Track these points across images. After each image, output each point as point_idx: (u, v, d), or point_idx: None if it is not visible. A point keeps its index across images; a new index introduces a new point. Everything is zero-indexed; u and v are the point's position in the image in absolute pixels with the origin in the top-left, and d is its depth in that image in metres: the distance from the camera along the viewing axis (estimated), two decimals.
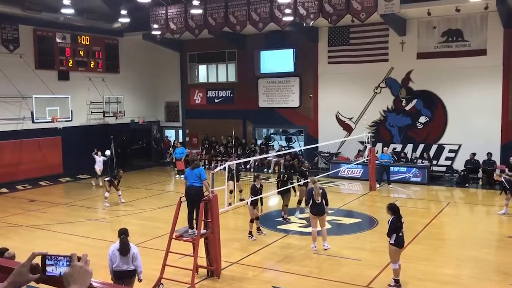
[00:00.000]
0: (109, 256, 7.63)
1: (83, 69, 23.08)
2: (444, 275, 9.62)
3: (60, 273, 1.82)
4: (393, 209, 8.94)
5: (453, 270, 9.92)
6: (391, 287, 8.81)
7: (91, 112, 23.45)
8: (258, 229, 12.44)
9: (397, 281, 8.79)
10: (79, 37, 22.81)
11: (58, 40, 22.01)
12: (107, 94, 23.80)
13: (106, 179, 16.66)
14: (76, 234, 12.77)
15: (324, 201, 11.17)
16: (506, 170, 15.85)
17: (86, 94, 23.14)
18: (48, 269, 1.85)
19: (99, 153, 19.92)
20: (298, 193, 14.49)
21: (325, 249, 11.02)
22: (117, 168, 17.89)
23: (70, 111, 21.24)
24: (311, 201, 11.14)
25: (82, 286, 1.76)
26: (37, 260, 1.87)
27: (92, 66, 23.51)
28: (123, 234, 7.72)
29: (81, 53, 22.97)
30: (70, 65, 22.50)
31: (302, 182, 14.38)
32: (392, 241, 8.76)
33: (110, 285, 1.90)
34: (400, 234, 8.76)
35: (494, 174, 16.08)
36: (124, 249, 7.57)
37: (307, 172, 14.93)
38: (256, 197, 11.98)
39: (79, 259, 1.82)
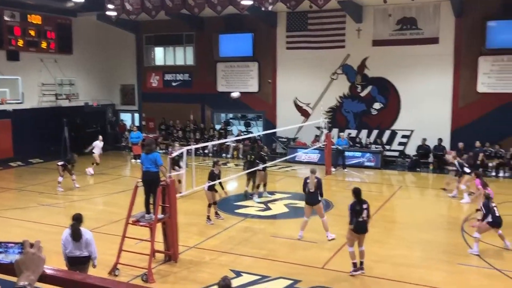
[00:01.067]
0: (62, 241, 7.47)
1: (34, 49, 22.16)
2: (396, 256, 9.98)
3: (11, 260, 1.77)
4: (354, 192, 9.01)
5: (404, 252, 10.31)
6: (351, 273, 8.86)
7: (43, 95, 22.62)
8: (216, 213, 12.48)
9: (354, 264, 8.88)
10: (29, 15, 21.84)
11: (6, 18, 21.00)
12: (60, 76, 23.02)
13: (59, 163, 16.20)
14: (27, 220, 12.42)
15: (319, 191, 10.81)
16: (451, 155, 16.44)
17: (38, 75, 22.27)
18: None
19: (100, 137, 19.71)
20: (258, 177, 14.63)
21: (330, 240, 10.75)
22: (71, 152, 17.39)
23: (20, 93, 20.41)
24: (306, 190, 10.87)
25: (35, 273, 1.72)
26: None
27: (44, 47, 22.61)
28: (76, 220, 7.55)
29: (32, 32, 22.03)
30: (20, 45, 21.54)
31: (261, 167, 14.46)
32: (351, 226, 8.91)
33: (64, 271, 1.87)
34: (360, 219, 8.79)
35: (450, 156, 16.37)
36: (75, 235, 7.40)
37: (266, 157, 15.03)
38: (214, 182, 11.99)
39: (31, 245, 1.77)
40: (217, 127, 24.54)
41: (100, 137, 19.75)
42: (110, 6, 21.46)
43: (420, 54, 19.96)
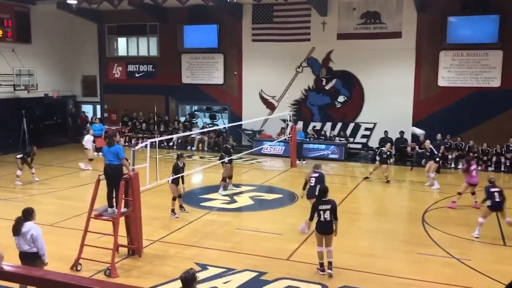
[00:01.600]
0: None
1: None
2: (360, 247, 10.15)
3: None
4: (319, 191, 8.85)
5: (367, 242, 10.50)
6: (318, 270, 8.70)
7: (0, 85, 21.80)
8: (181, 206, 12.38)
9: (320, 264, 8.69)
10: None
11: None
12: (18, 66, 22.20)
13: (18, 156, 15.69)
14: None
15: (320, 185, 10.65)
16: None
17: None
18: None
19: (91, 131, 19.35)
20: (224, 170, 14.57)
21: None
22: (30, 145, 16.85)
23: None
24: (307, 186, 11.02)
25: None
26: None
27: (0, 36, 21.75)
28: (23, 213, 7.22)
29: None
30: None
31: (226, 159, 14.41)
32: (309, 221, 8.97)
33: (23, 267, 1.79)
34: (322, 220, 8.55)
35: (426, 142, 16.69)
36: (14, 228, 7.10)
37: (231, 150, 14.96)
38: (177, 176, 11.85)
39: None
40: (182, 119, 24.30)
41: (91, 131, 19.30)
42: None
43: (384, 48, 20.29)
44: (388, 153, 16.49)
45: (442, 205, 13.55)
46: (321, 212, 8.57)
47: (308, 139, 20.78)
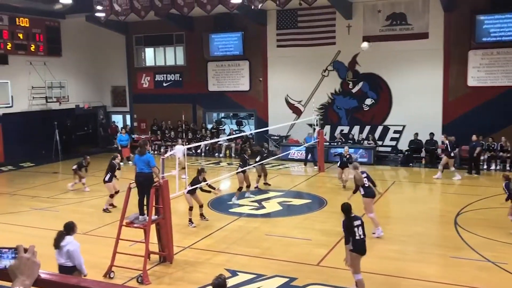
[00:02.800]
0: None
1: (23, 52, 21.99)
2: (390, 251, 10.03)
3: (5, 266, 1.76)
4: (343, 209, 7.95)
5: (398, 246, 10.36)
6: None
7: (33, 98, 22.45)
8: (202, 215, 12.38)
9: None
10: (17, 19, 21.67)
11: None
12: (49, 78, 22.85)
13: (73, 167, 16.15)
14: (20, 224, 12.34)
15: (371, 184, 11.08)
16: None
17: (27, 78, 22.11)
18: None
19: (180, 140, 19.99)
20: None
21: (377, 237, 10.79)
22: (84, 155, 17.20)
23: (10, 96, 20.28)
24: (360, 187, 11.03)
25: (30, 278, 1.71)
26: None
27: (33, 50, 22.43)
28: (64, 227, 7.35)
29: (20, 36, 21.85)
30: (9, 49, 21.36)
31: (239, 169, 14.30)
32: (351, 247, 7.72)
33: (59, 275, 1.86)
34: (358, 238, 7.69)
35: (442, 136, 17.47)
36: (55, 242, 7.24)
37: (247, 159, 14.75)
38: (194, 187, 11.84)
39: (25, 250, 1.76)
40: (209, 126, 24.52)
41: (180, 140, 19.80)
42: (98, 7, 21.31)
43: (410, 49, 20.05)
44: (347, 156, 15.98)
45: (475, 207, 13.26)
46: (355, 229, 7.71)
47: (335, 143, 20.67)
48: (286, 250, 10.24)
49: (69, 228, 7.38)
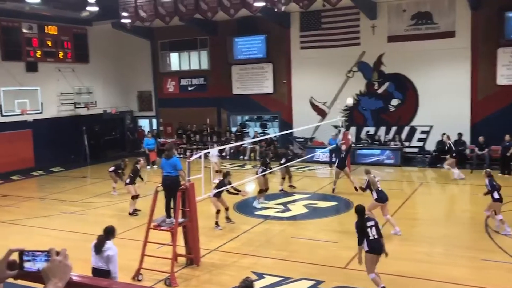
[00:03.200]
0: (91, 251, 7.48)
1: (52, 59, 22.55)
2: (418, 253, 9.88)
3: (39, 268, 1.81)
4: (356, 211, 8.22)
5: (426, 248, 10.20)
6: None
7: (62, 104, 23.00)
8: (228, 218, 12.42)
9: None
10: (46, 27, 22.24)
11: (24, 31, 21.42)
12: (77, 85, 23.37)
13: (110, 169, 16.44)
14: (51, 228, 12.61)
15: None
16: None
17: (56, 85, 22.66)
18: (26, 265, 1.84)
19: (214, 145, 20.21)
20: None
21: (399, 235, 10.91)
22: (122, 158, 17.46)
23: (40, 103, 20.81)
24: (373, 191, 11.31)
25: (62, 281, 1.76)
26: (15, 257, 1.85)
27: (61, 57, 22.98)
28: (104, 232, 7.46)
29: (49, 43, 22.41)
30: (38, 56, 21.95)
31: (259, 171, 14.28)
32: (366, 248, 7.89)
33: (90, 278, 1.90)
34: (371, 238, 7.86)
35: (444, 136, 17.86)
36: (96, 246, 7.37)
37: (268, 163, 14.75)
38: (220, 190, 11.90)
39: (57, 253, 1.81)
40: (234, 129, 24.62)
41: (215, 144, 19.78)
42: (124, 14, 21.71)
43: (437, 49, 19.73)
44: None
45: (507, 208, 12.93)
46: (368, 230, 7.90)
47: (361, 145, 20.52)
48: (313, 252, 10.20)
49: (109, 233, 7.48)
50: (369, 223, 7.98)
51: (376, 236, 7.92)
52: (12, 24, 20.95)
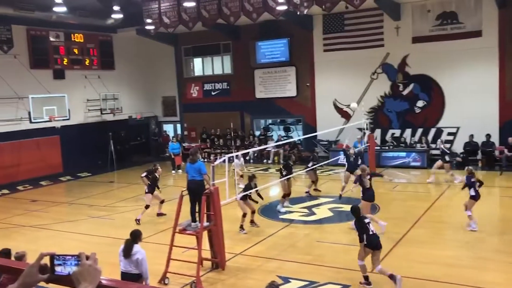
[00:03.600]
0: (119, 257, 7.58)
1: (79, 67, 23.01)
2: (446, 257, 9.70)
3: (69, 272, 1.85)
4: (353, 211, 8.93)
5: (454, 252, 10.01)
6: (362, 284, 8.55)
7: (89, 110, 23.42)
8: (252, 222, 12.40)
9: (365, 278, 8.54)
10: (72, 35, 22.72)
11: (51, 39, 21.93)
12: (103, 91, 23.76)
13: (142, 175, 16.34)
14: (79, 232, 12.83)
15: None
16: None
17: (83, 92, 23.09)
18: (57, 269, 1.88)
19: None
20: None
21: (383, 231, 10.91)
22: (154, 163, 17.54)
23: (67, 109, 21.23)
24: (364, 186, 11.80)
25: (92, 284, 1.79)
26: (46, 260, 1.89)
27: (87, 64, 23.43)
28: (131, 236, 7.56)
29: (76, 51, 22.88)
30: (65, 64, 22.43)
31: (284, 177, 14.08)
32: (364, 242, 8.51)
33: (119, 282, 1.93)
34: (371, 233, 8.48)
35: (438, 141, 17.70)
36: (125, 251, 7.46)
37: (291, 166, 14.69)
38: (247, 193, 11.93)
39: (87, 257, 1.84)
40: (257, 133, 24.64)
41: (237, 151, 18.84)
42: (148, 20, 22.01)
43: (463, 49, 19.40)
44: (353, 155, 15.57)
45: None
46: (367, 226, 8.58)
47: (386, 147, 20.29)
48: (338, 257, 10.12)
49: (136, 236, 7.58)
50: (366, 220, 8.75)
51: (374, 231, 8.60)
52: (40, 33, 21.47)
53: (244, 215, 12.05)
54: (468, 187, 11.41)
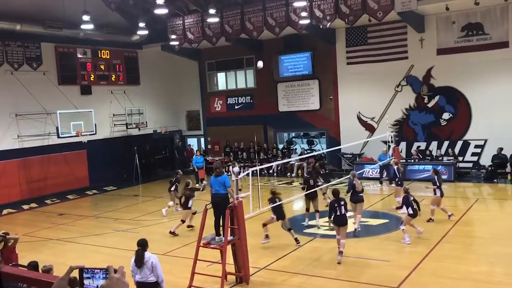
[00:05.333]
0: (131, 268, 7.67)
1: (105, 82, 23.47)
2: (477, 273, 9.44)
3: (97, 285, 1.86)
4: (333, 193, 11.12)
5: (486, 268, 9.73)
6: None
7: (114, 125, 23.80)
8: (289, 230, 12.12)
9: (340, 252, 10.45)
10: (99, 51, 23.22)
11: (79, 56, 22.45)
12: (129, 106, 24.13)
13: (172, 189, 16.15)
14: (105, 246, 12.96)
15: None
16: None
17: (109, 107, 23.52)
18: (86, 282, 1.89)
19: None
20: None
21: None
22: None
23: (94, 124, 21.60)
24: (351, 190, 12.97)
25: None
26: (75, 274, 1.91)
27: (113, 79, 23.88)
28: (140, 245, 7.71)
29: (102, 67, 23.36)
30: (92, 80, 22.90)
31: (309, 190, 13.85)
32: (330, 219, 11.02)
33: None
34: (338, 214, 10.55)
35: (392, 161, 16.76)
36: (138, 261, 7.56)
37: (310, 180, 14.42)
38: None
39: (115, 271, 1.85)
40: (280, 146, 24.61)
41: (235, 163, 18.78)
42: (173, 36, 22.37)
43: (489, 60, 19.08)
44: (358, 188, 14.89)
45: None
46: (337, 208, 10.58)
47: (412, 160, 20.00)
48: (364, 272, 9.95)
49: (145, 244, 7.77)
50: (341, 202, 10.65)
51: (343, 212, 10.59)
52: (68, 49, 22.01)
53: (265, 225, 12.05)
54: (406, 206, 11.88)
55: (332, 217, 10.76)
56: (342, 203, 10.63)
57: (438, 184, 13.41)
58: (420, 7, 18.05)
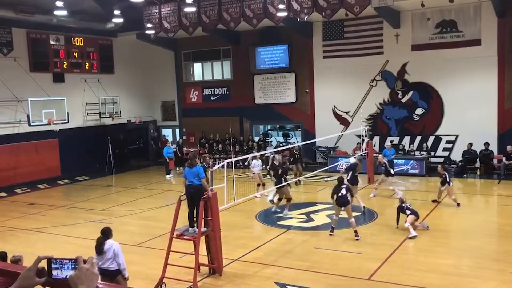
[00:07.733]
0: (95, 256, 7.71)
1: (78, 70, 23.01)
2: (445, 265, 9.67)
3: (66, 276, 1.83)
4: (338, 180, 12.21)
5: (453, 261, 9.98)
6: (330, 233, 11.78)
7: (88, 114, 23.39)
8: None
9: (332, 228, 11.90)
10: (72, 38, 22.73)
11: (52, 42, 21.93)
12: (102, 95, 23.75)
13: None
14: (76, 236, 12.78)
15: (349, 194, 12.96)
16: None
17: (82, 95, 23.08)
18: (54, 272, 1.86)
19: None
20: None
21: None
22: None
23: (66, 113, 21.20)
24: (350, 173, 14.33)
25: None
26: (43, 264, 1.88)
27: (87, 67, 23.43)
28: (102, 233, 7.84)
29: (76, 54, 22.89)
30: (65, 67, 22.42)
31: (283, 182, 13.99)
32: (332, 200, 12.01)
33: (116, 286, 1.91)
34: (340, 195, 11.65)
35: (379, 156, 17.21)
36: (97, 247, 7.70)
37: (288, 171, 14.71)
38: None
39: (85, 261, 1.83)
40: (256, 139, 24.63)
41: (257, 155, 18.42)
42: (148, 25, 22.05)
43: (462, 57, 19.46)
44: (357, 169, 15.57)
45: None
46: (340, 191, 11.73)
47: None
48: (336, 264, 10.08)
49: (108, 233, 7.87)
50: (342, 187, 11.84)
51: (344, 194, 11.63)
52: (40, 36, 21.48)
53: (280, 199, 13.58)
54: (404, 213, 12.19)
55: (335, 197, 11.77)
56: (344, 186, 11.80)
57: (448, 179, 14.51)
58: (396, 3, 18.24)
